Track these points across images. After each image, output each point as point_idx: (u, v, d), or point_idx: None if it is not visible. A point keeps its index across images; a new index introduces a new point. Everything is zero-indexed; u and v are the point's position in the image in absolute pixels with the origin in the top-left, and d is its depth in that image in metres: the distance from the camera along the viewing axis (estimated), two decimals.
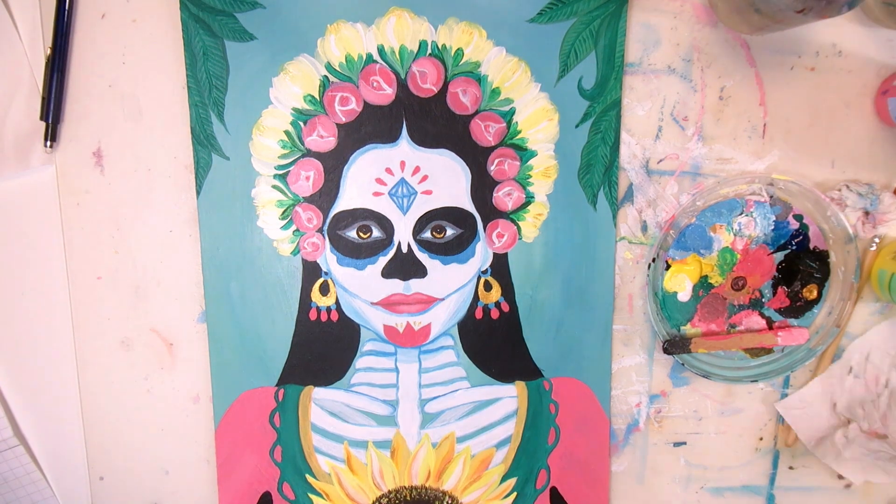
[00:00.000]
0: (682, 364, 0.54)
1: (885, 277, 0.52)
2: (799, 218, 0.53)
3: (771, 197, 0.52)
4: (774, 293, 0.54)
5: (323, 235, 0.51)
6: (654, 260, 0.52)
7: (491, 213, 0.51)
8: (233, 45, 0.48)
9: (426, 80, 0.49)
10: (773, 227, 0.53)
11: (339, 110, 0.49)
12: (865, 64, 0.52)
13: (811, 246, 0.53)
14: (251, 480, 0.54)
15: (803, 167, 0.53)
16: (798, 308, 0.54)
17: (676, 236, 0.52)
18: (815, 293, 0.54)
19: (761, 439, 0.57)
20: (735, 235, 0.53)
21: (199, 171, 0.50)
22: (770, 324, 0.54)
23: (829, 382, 0.56)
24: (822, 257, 0.53)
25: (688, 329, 0.54)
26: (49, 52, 0.48)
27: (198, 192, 0.50)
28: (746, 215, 0.52)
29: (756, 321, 0.54)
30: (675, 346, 0.53)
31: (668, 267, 0.53)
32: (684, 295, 0.53)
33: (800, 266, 0.53)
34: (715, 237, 0.53)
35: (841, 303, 0.53)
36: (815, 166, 0.53)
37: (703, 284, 0.53)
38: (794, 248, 0.53)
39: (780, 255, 0.53)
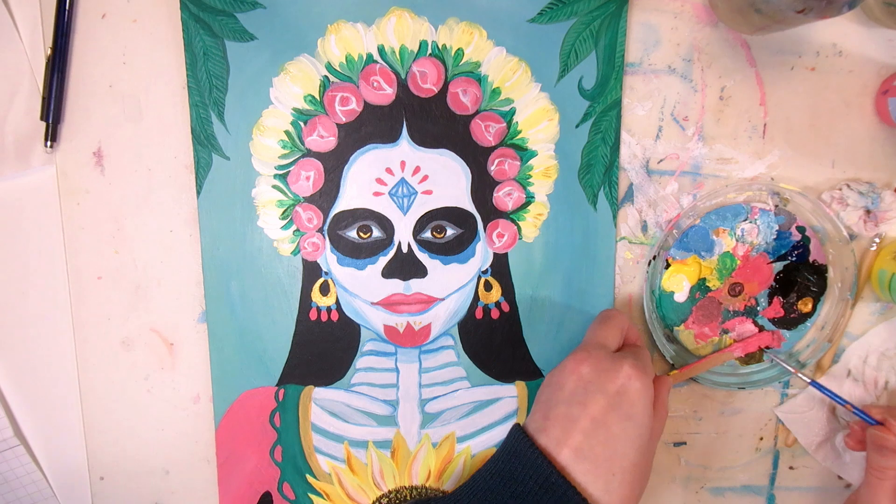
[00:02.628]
0: (674, 365, 0.54)
1: (885, 277, 0.52)
2: (802, 230, 0.53)
3: (776, 206, 0.52)
4: (770, 302, 0.54)
5: (323, 235, 0.51)
6: (654, 258, 0.52)
7: (491, 213, 0.52)
8: (233, 45, 0.48)
9: (426, 80, 0.49)
10: (775, 237, 0.53)
11: (340, 110, 0.49)
12: (866, 64, 0.52)
13: (811, 259, 0.53)
14: (251, 480, 0.54)
15: (804, 167, 0.53)
16: (792, 319, 0.54)
17: (679, 236, 0.52)
18: (809, 306, 0.54)
19: (761, 439, 0.57)
20: (737, 241, 0.53)
21: (200, 171, 0.50)
22: (762, 332, 0.54)
23: (828, 386, 0.56)
24: (820, 271, 0.54)
25: (681, 330, 0.54)
26: (49, 52, 0.48)
27: (198, 192, 0.50)
28: (750, 222, 0.52)
29: (749, 329, 0.54)
30: None
31: (668, 266, 0.53)
32: (681, 295, 0.53)
33: (797, 278, 0.53)
34: (717, 241, 0.53)
35: (834, 319, 0.53)
36: (815, 166, 0.53)
37: (700, 287, 0.53)
38: (794, 259, 0.53)
39: (779, 266, 0.53)
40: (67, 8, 0.47)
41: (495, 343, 0.53)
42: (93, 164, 0.50)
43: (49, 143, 0.49)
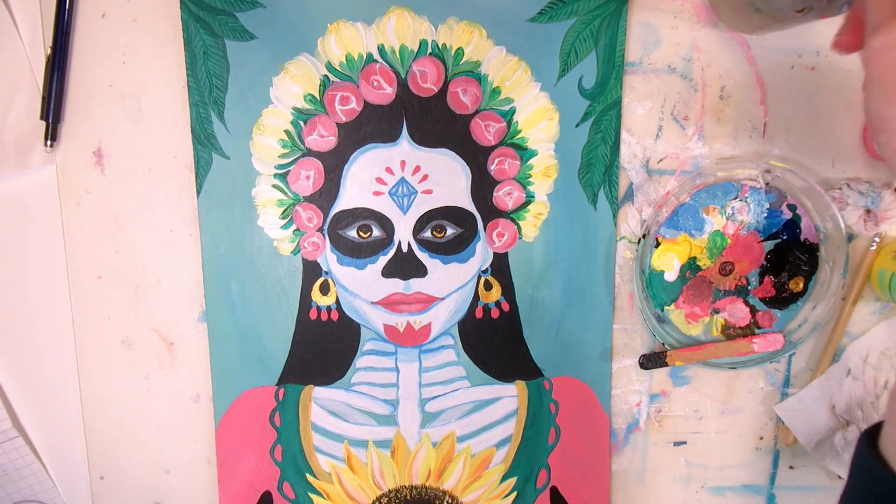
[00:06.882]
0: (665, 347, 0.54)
1: (885, 277, 0.52)
2: (792, 208, 0.52)
3: (766, 184, 0.52)
4: (761, 282, 0.54)
5: (323, 235, 0.51)
6: (644, 236, 0.52)
7: (491, 212, 0.52)
8: (233, 44, 0.48)
9: (426, 80, 0.49)
10: (765, 215, 0.52)
11: (340, 110, 0.49)
12: None
13: (802, 238, 0.53)
14: (251, 480, 0.54)
15: (804, 167, 0.53)
16: (783, 299, 0.54)
17: (669, 214, 0.52)
18: (801, 286, 0.54)
19: (762, 438, 0.57)
20: (727, 219, 0.52)
21: (200, 170, 0.50)
22: (753, 312, 0.54)
23: (828, 384, 0.56)
24: (811, 250, 0.53)
25: (672, 310, 0.54)
26: (49, 51, 0.48)
27: (198, 192, 0.50)
28: (741, 200, 0.52)
29: (740, 308, 0.54)
30: (652, 360, 0.54)
31: (658, 245, 0.53)
32: (671, 274, 0.53)
33: (789, 257, 0.53)
34: (707, 219, 0.52)
35: (826, 298, 0.53)
36: (815, 165, 0.53)
37: (690, 266, 0.53)
38: (785, 238, 0.53)
39: (770, 245, 0.53)
40: (67, 8, 0.47)
41: (495, 342, 0.53)
42: (93, 163, 0.50)
43: (49, 143, 0.49)
